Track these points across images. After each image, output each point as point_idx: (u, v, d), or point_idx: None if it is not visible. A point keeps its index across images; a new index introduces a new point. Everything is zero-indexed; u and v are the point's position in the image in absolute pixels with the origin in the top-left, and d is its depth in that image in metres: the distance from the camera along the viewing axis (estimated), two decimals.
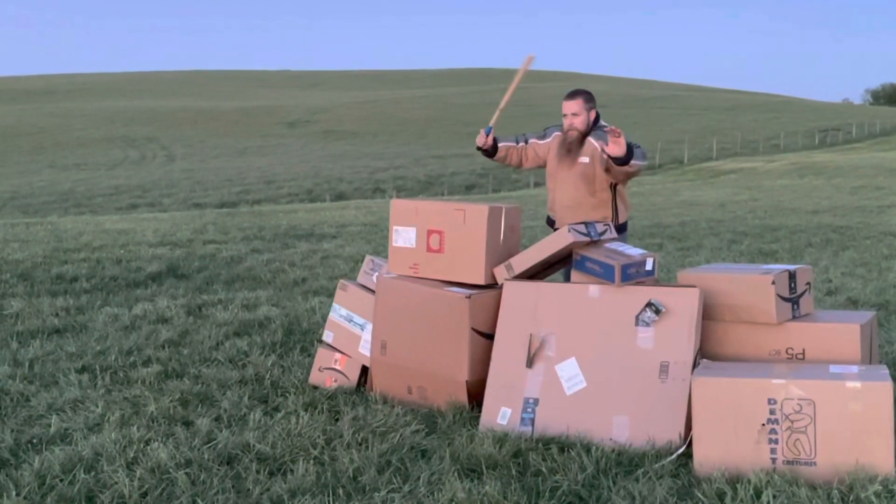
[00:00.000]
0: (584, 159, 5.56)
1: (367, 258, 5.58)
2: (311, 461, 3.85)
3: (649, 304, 4.32)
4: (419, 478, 3.63)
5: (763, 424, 3.64)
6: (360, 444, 4.07)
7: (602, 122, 5.68)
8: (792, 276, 4.42)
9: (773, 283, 4.27)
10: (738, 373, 3.83)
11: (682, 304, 4.30)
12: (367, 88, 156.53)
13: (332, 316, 5.45)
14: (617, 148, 5.18)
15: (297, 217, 20.86)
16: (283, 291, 9.11)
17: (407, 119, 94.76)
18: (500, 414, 4.42)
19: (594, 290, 4.55)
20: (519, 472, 3.72)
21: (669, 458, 3.80)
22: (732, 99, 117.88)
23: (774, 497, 3.29)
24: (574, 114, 5.60)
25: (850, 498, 3.29)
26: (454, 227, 4.93)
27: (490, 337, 4.67)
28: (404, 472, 3.74)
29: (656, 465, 3.75)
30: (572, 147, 5.60)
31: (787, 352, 4.29)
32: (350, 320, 5.32)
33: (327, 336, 5.43)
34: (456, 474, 3.66)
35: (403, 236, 5.08)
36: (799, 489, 3.35)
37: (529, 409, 4.38)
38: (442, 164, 58.71)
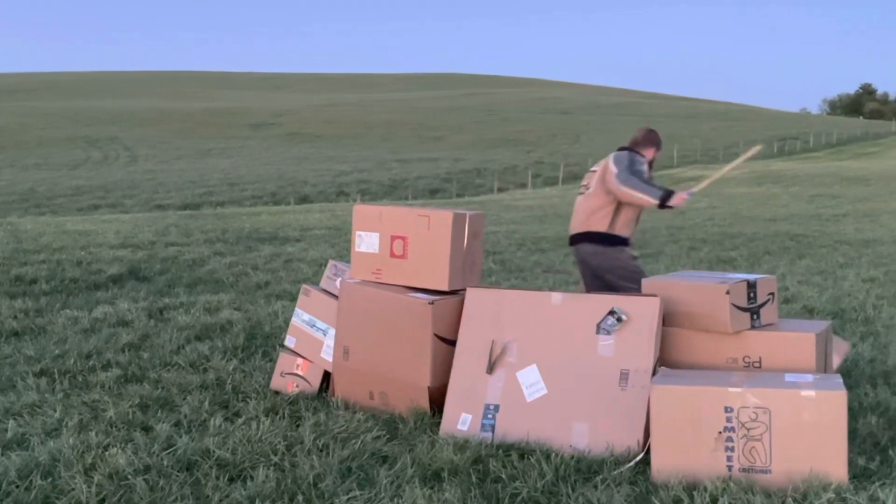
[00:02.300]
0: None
1: (331, 263, 5.58)
2: (272, 467, 3.84)
3: (611, 312, 4.35)
4: (380, 484, 3.63)
5: (720, 432, 3.68)
6: (321, 450, 4.06)
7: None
8: (751, 285, 4.47)
9: (728, 292, 4.33)
10: (696, 381, 3.87)
11: (643, 312, 4.34)
12: (332, 91, 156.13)
13: (294, 321, 5.44)
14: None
15: (260, 220, 20.76)
16: (245, 295, 9.07)
17: (371, 123, 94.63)
18: (460, 420, 4.44)
19: (556, 297, 4.58)
20: (479, 478, 3.73)
21: (627, 466, 3.84)
22: (692, 107, 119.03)
23: None
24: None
25: None
26: (418, 233, 4.93)
27: (453, 343, 4.68)
28: (365, 478, 3.74)
29: (615, 472, 3.78)
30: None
31: (743, 360, 4.34)
32: (313, 325, 5.31)
33: (289, 341, 5.42)
34: (417, 481, 3.67)
35: (367, 241, 5.08)
36: (754, 497, 3.39)
37: (490, 416, 4.40)
38: (406, 169, 58.69)
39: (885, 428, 4.43)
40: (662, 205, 6.14)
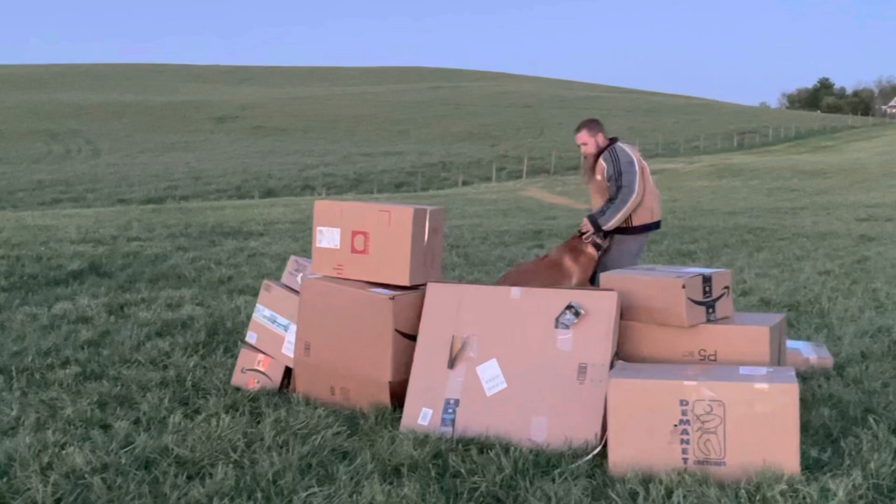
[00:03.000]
0: (598, 177, 6.60)
1: (292, 258, 5.57)
2: (231, 464, 3.83)
3: (569, 307, 4.39)
4: (339, 480, 3.64)
5: (675, 425, 3.73)
6: (281, 447, 4.06)
7: (619, 143, 6.66)
8: (707, 279, 4.54)
9: (684, 286, 4.39)
10: (652, 374, 3.92)
11: (601, 306, 4.38)
12: (298, 85, 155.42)
13: (255, 317, 5.43)
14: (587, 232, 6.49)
15: (224, 214, 20.67)
16: (207, 290, 9.04)
17: (337, 116, 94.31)
18: (421, 414, 4.46)
19: (516, 291, 4.61)
20: (438, 473, 3.75)
21: (585, 459, 3.88)
22: (654, 101, 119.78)
23: (685, 497, 3.39)
24: (584, 143, 6.65)
25: (757, 497, 3.40)
26: (379, 229, 4.94)
27: (413, 338, 4.70)
28: (324, 474, 3.75)
29: (572, 466, 3.82)
30: (589, 168, 6.70)
31: (699, 353, 4.41)
32: (274, 321, 5.31)
33: (250, 337, 5.41)
34: (376, 476, 3.68)
35: (327, 237, 5.08)
36: (708, 489, 3.44)
37: (450, 410, 4.43)
38: (371, 162, 58.58)
39: (837, 419, 4.51)
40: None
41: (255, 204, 27.91)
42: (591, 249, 6.41)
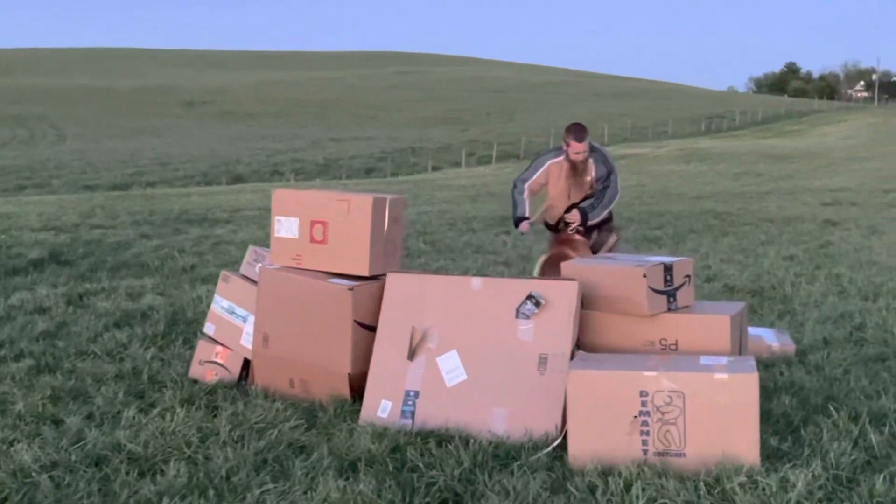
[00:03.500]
0: (589, 178, 6.98)
1: (251, 248, 5.49)
2: (184, 461, 3.75)
3: (529, 297, 4.35)
4: (294, 476, 3.58)
5: (635, 416, 3.70)
6: (237, 442, 3.99)
7: (594, 143, 7.05)
8: (668, 268, 4.50)
9: (645, 275, 4.35)
10: (612, 365, 3.89)
11: (562, 296, 4.34)
12: (267, 69, 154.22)
13: (213, 308, 5.34)
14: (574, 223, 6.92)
15: (190, 201, 20.47)
16: (170, 279, 8.92)
17: (306, 101, 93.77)
18: (380, 407, 4.40)
19: (476, 282, 4.56)
20: (396, 467, 3.70)
21: (544, 451, 3.84)
22: (622, 86, 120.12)
23: (644, 490, 3.36)
24: (585, 150, 6.91)
25: (717, 490, 3.37)
26: (338, 218, 4.87)
27: (373, 329, 4.63)
28: (280, 470, 3.68)
29: (532, 458, 3.78)
30: (584, 172, 6.99)
31: (660, 343, 4.37)
32: (232, 312, 5.23)
33: (208, 328, 5.32)
34: (332, 472, 3.62)
35: (286, 226, 5.00)
36: (668, 481, 3.41)
37: (410, 402, 4.37)
38: (341, 148, 58.30)
39: (798, 408, 4.50)
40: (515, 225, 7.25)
41: (221, 190, 27.66)
42: (579, 236, 6.88)
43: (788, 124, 74.61)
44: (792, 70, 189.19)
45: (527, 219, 7.10)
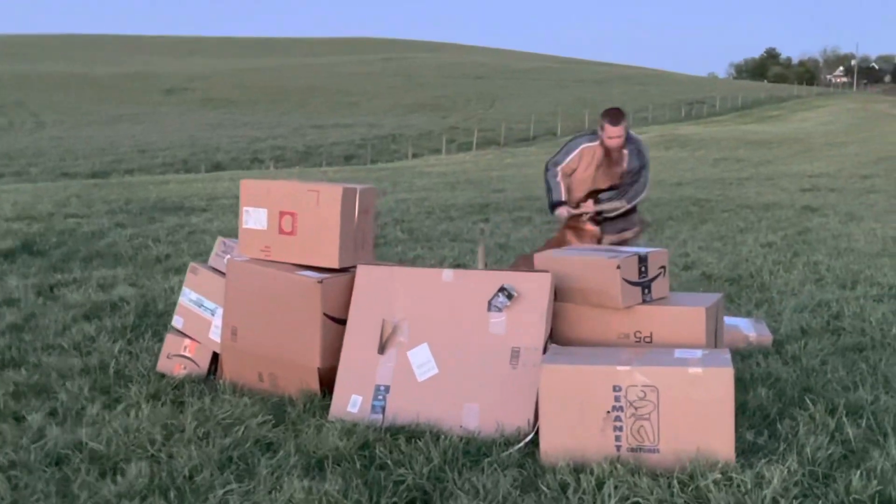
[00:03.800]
0: (619, 169, 6.65)
1: (219, 240, 5.39)
2: (147, 460, 3.65)
3: (502, 289, 4.26)
4: (259, 475, 3.49)
5: (608, 412, 3.63)
6: (202, 439, 3.89)
7: (631, 132, 6.70)
8: (643, 259, 4.43)
9: (619, 267, 4.27)
10: (585, 359, 3.81)
11: (534, 289, 4.26)
12: (247, 56, 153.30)
13: (181, 300, 5.24)
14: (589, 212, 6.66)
15: (167, 189, 20.25)
16: (143, 269, 8.80)
17: (287, 88, 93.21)
18: (350, 402, 4.32)
19: (448, 274, 4.48)
20: (364, 465, 3.61)
21: (516, 447, 3.76)
22: (603, 72, 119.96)
23: (616, 488, 3.28)
24: (619, 136, 6.52)
25: (691, 487, 3.30)
26: (307, 209, 4.77)
27: (343, 322, 4.54)
28: (245, 468, 3.59)
29: (503, 454, 3.70)
30: (618, 161, 6.62)
31: (634, 335, 4.30)
32: (200, 305, 5.12)
33: (177, 321, 5.22)
34: (299, 470, 3.54)
35: (254, 217, 4.90)
36: (641, 479, 3.34)
37: (380, 397, 4.29)
38: (322, 135, 58.01)
39: (775, 400, 4.44)
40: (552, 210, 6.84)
41: (199, 178, 27.38)
42: (589, 226, 6.59)
43: (768, 110, 74.78)
44: (772, 56, 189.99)
45: (564, 203, 6.68)
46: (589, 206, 6.56)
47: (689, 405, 3.58)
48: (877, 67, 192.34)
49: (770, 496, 3.20)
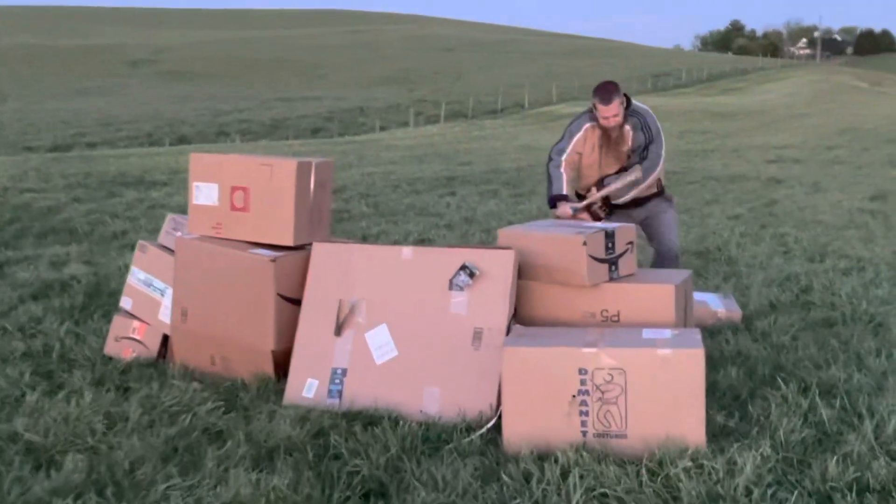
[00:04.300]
0: (625, 148, 5.69)
1: (169, 216, 5.15)
2: (86, 451, 3.44)
3: (463, 267, 4.08)
4: (205, 468, 3.28)
5: (574, 396, 3.45)
6: (147, 428, 3.68)
7: (635, 102, 5.79)
8: (609, 235, 4.26)
9: (585, 243, 4.09)
10: (549, 341, 3.63)
11: (497, 267, 4.07)
12: (214, 28, 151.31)
13: (130, 280, 5.01)
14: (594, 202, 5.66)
15: (128, 163, 19.84)
16: (98, 246, 8.53)
17: (253, 60, 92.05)
18: (306, 386, 4.13)
19: (407, 251, 4.28)
20: (317, 455, 3.42)
21: (477, 433, 3.59)
22: (571, 44, 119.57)
23: (581, 477, 3.11)
24: (615, 115, 5.59)
25: (660, 476, 3.14)
26: (260, 184, 4.54)
27: (298, 303, 4.34)
28: (190, 461, 3.38)
29: (465, 441, 3.53)
30: (618, 141, 5.69)
31: (601, 314, 4.13)
32: (149, 285, 4.90)
33: (125, 302, 4.99)
34: (248, 462, 3.34)
35: (205, 193, 4.67)
36: (608, 468, 3.17)
37: (337, 381, 4.10)
38: (288, 108, 57.33)
39: (746, 379, 4.30)
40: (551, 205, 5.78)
41: (162, 151, 26.91)
42: (584, 216, 5.55)
43: (733, 82, 74.80)
44: (736, 28, 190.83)
45: (564, 197, 5.62)
46: (593, 195, 5.65)
47: (658, 388, 3.41)
48: (839, 39, 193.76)
49: (742, 484, 3.05)
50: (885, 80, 77.72)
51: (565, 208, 5.55)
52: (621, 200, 5.67)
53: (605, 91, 5.55)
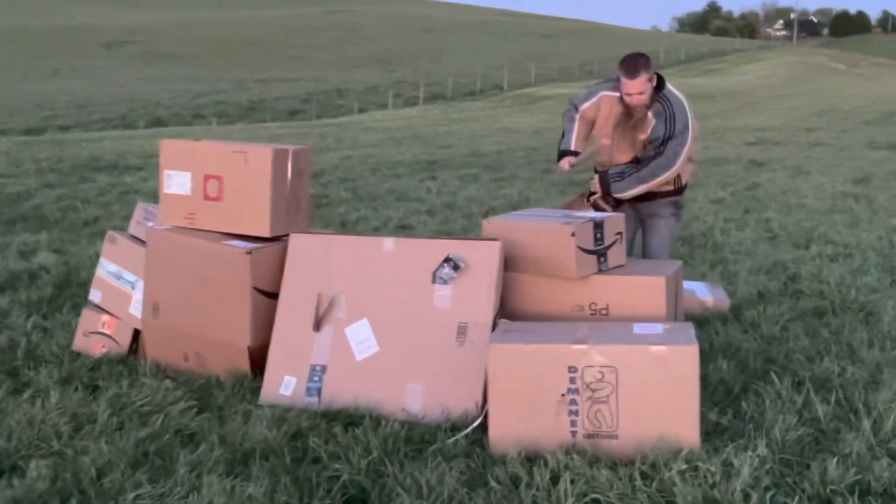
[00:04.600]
0: (643, 136, 5.07)
1: (140, 205, 4.97)
2: (51, 457, 3.27)
3: (447, 260, 3.92)
4: (176, 474, 3.11)
5: (563, 395, 3.31)
6: (116, 431, 3.51)
7: (669, 87, 5.19)
8: (598, 225, 4.11)
9: (573, 234, 3.94)
10: (537, 337, 3.48)
11: (482, 259, 3.92)
12: (190, 8, 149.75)
13: (99, 272, 4.82)
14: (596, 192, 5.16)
15: (101, 146, 19.53)
16: (69, 233, 8.33)
17: (231, 41, 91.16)
18: (283, 383, 3.97)
19: (389, 242, 4.12)
20: (295, 459, 3.26)
21: (462, 434, 3.44)
22: (550, 25, 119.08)
23: (572, 482, 2.97)
24: (639, 93, 4.95)
25: (654, 480, 3.00)
26: (234, 172, 4.36)
27: (275, 296, 4.17)
28: (161, 466, 3.22)
29: (449, 442, 3.39)
30: (638, 124, 5.08)
31: (590, 307, 3.97)
32: (119, 277, 4.71)
33: (94, 295, 4.81)
34: (222, 467, 3.17)
35: (177, 181, 4.48)
36: (599, 471, 3.03)
37: (316, 378, 3.95)
38: (266, 89, 56.82)
39: (738, 372, 4.18)
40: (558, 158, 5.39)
41: (137, 135, 26.54)
42: (586, 205, 5.14)
43: (711, 63, 74.75)
44: (713, 9, 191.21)
45: (571, 153, 5.21)
46: (595, 184, 5.19)
47: (651, 387, 3.27)
48: (815, 20, 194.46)
49: (740, 488, 2.92)
50: (861, 62, 77.94)
51: (564, 163, 5.21)
52: (628, 194, 5.16)
53: (632, 64, 4.93)
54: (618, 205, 5.15)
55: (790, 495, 2.94)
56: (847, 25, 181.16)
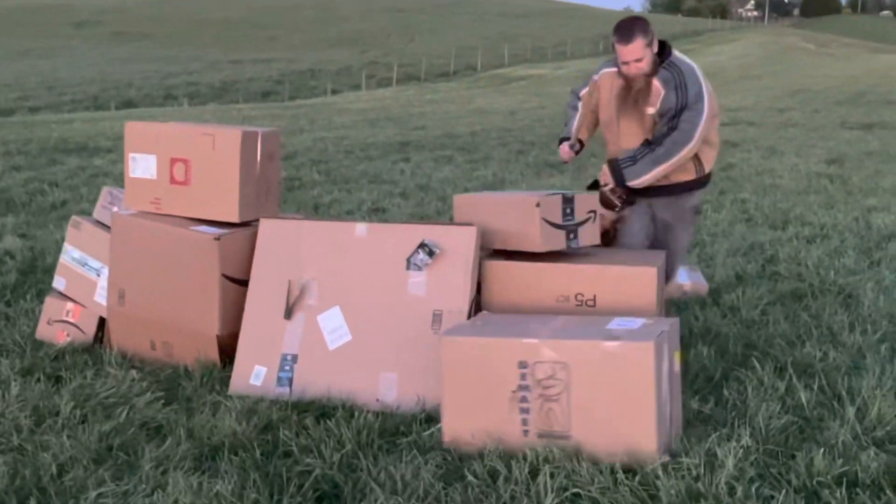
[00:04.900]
0: (651, 110, 4.48)
1: (105, 190, 4.82)
2: (10, 453, 3.14)
3: (422, 245, 3.81)
4: (141, 471, 3.00)
5: (513, 391, 3.14)
6: (80, 424, 3.38)
7: (676, 54, 4.65)
8: (568, 200, 3.96)
9: (538, 205, 3.81)
10: (494, 330, 3.36)
11: (458, 244, 3.81)
12: None
13: (63, 259, 4.67)
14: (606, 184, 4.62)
15: (71, 128, 19.22)
16: (36, 217, 8.14)
17: (203, 21, 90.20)
18: (253, 373, 3.86)
19: (361, 228, 4.00)
20: (265, 453, 3.15)
21: (438, 426, 3.34)
22: (524, 6, 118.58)
23: (552, 476, 2.88)
24: (637, 60, 4.42)
25: (637, 474, 2.89)
26: (202, 155, 4.22)
27: (245, 283, 4.05)
28: (125, 462, 3.10)
29: (425, 434, 3.29)
30: (639, 97, 4.48)
31: (576, 298, 3.81)
32: (84, 264, 4.56)
33: (58, 282, 4.66)
34: (189, 462, 3.06)
35: (142, 165, 4.34)
36: (580, 465, 2.93)
37: (287, 367, 3.83)
38: (238, 70, 56.25)
39: (718, 358, 4.11)
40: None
41: (108, 116, 26.21)
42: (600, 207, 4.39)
43: (684, 43, 74.56)
44: None
45: (569, 140, 4.86)
46: (605, 175, 4.64)
47: (605, 387, 3.08)
48: (786, 1, 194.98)
49: (724, 480, 2.83)
50: (832, 42, 78.24)
51: (563, 149, 4.85)
52: (644, 180, 4.54)
53: (626, 28, 4.43)
54: (630, 202, 4.64)
55: (776, 488, 2.86)
56: (817, 6, 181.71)
